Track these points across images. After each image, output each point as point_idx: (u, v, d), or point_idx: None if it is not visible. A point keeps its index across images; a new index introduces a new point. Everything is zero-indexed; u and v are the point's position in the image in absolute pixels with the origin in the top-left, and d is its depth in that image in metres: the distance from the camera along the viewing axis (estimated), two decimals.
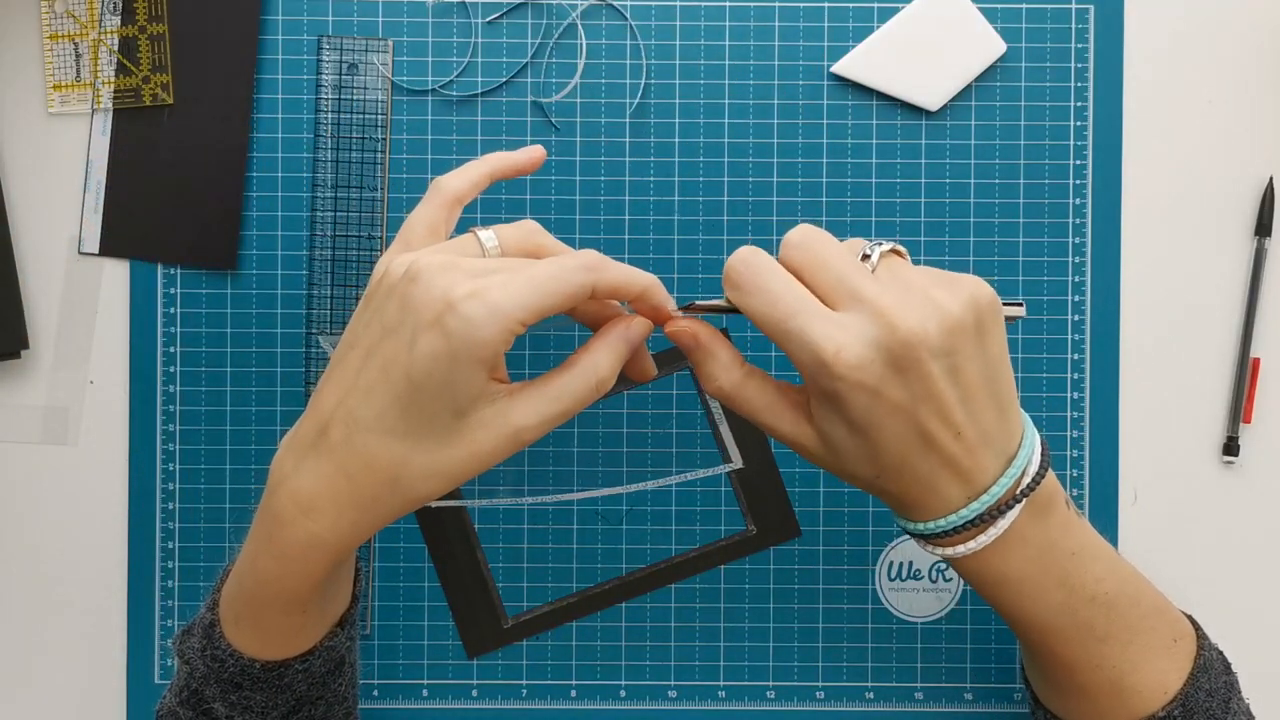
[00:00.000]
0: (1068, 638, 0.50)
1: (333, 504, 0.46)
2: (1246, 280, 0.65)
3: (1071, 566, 0.49)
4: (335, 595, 0.52)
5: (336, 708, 0.55)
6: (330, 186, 0.64)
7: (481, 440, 0.45)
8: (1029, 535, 0.48)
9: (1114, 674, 0.50)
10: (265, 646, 0.50)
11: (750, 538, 0.65)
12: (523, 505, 0.64)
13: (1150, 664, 0.51)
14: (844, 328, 0.43)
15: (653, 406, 0.65)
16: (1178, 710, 0.51)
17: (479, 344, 0.43)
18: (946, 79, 0.64)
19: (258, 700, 0.51)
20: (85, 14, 0.63)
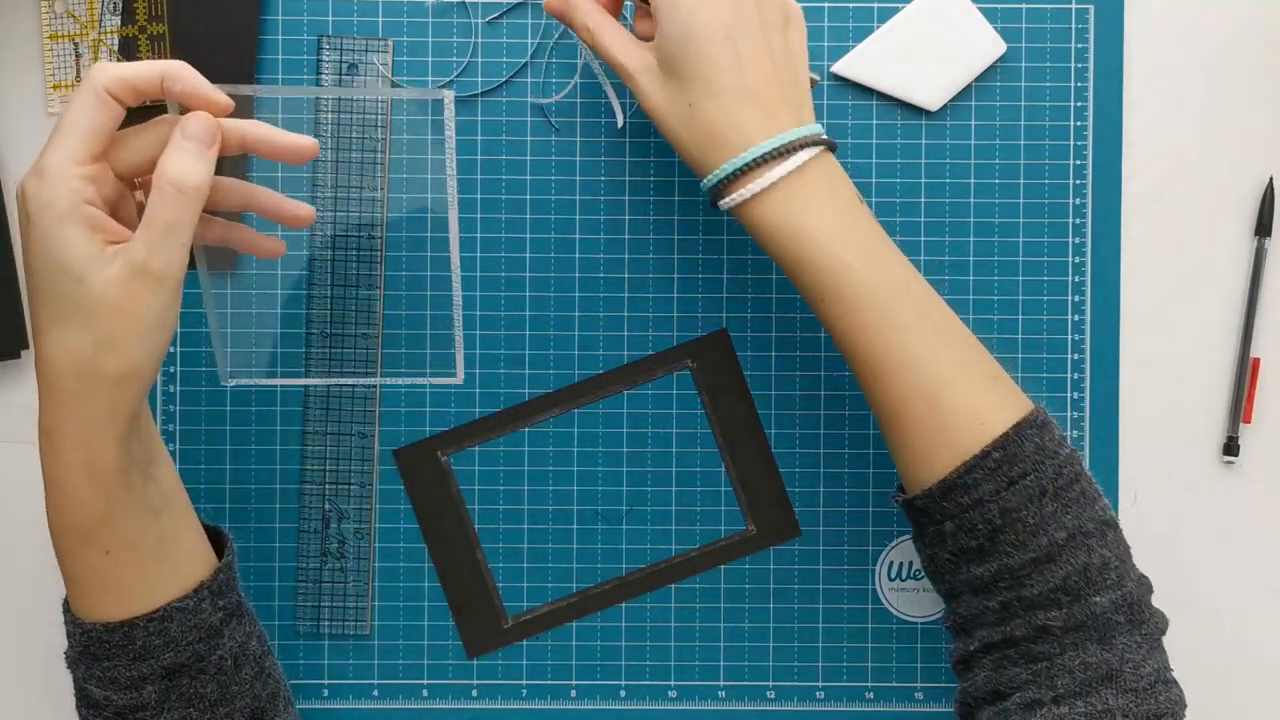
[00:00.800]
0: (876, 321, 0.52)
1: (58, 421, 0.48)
2: (1246, 280, 0.65)
3: (875, 244, 0.53)
4: (168, 552, 0.52)
5: (235, 690, 0.53)
6: (330, 186, 0.64)
7: (116, 292, 0.46)
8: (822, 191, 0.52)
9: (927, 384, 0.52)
10: (99, 603, 0.51)
11: (750, 538, 0.65)
12: None
13: (965, 385, 0.52)
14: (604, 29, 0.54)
15: (653, 406, 0.65)
16: (998, 452, 0.51)
17: (52, 207, 0.46)
18: (946, 79, 0.64)
19: (120, 670, 0.51)
20: (85, 14, 0.63)
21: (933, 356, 0.52)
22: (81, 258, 0.46)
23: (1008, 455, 0.51)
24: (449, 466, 0.64)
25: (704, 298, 0.64)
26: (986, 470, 0.50)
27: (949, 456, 0.51)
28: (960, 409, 0.51)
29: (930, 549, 0.54)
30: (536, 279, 0.64)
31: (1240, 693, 0.55)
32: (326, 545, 0.64)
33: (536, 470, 0.65)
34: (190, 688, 0.52)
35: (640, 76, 0.55)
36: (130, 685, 0.51)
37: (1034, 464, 0.51)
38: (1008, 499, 0.50)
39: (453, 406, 0.64)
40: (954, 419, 0.51)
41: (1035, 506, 0.50)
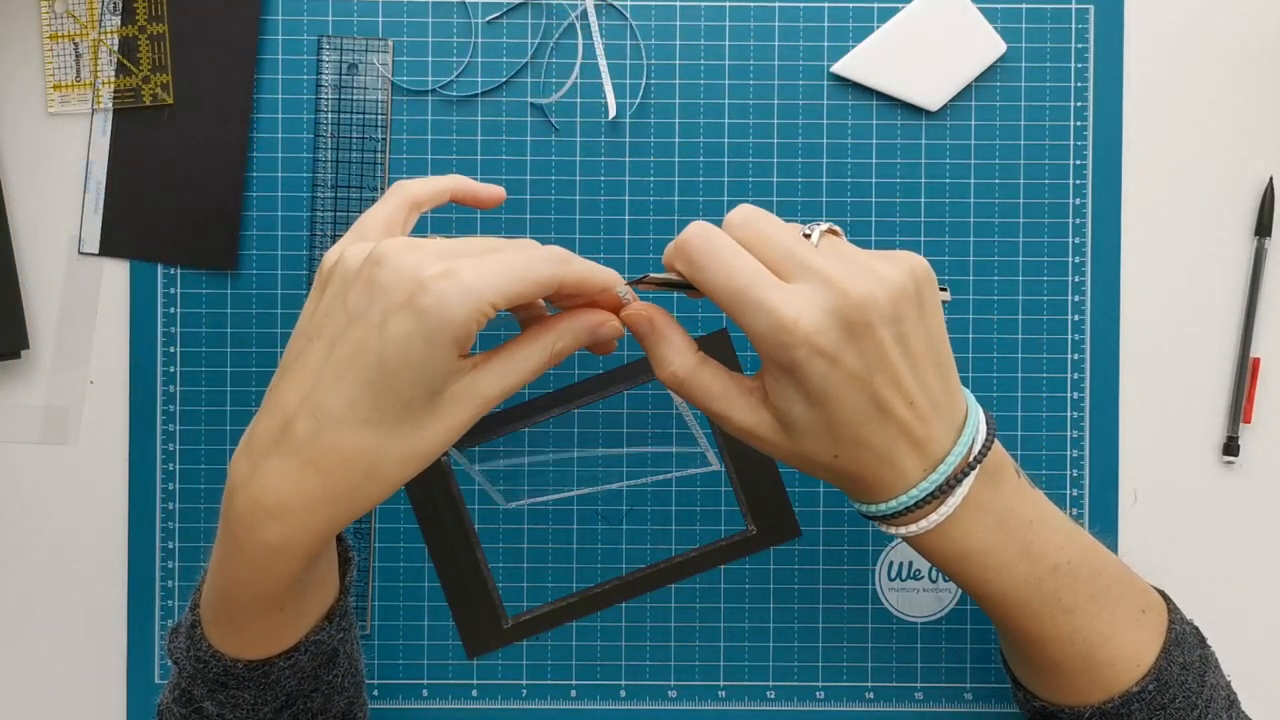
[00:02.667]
0: (1035, 611, 0.50)
1: (302, 503, 0.45)
2: (1246, 280, 0.65)
3: (1031, 535, 0.49)
4: (318, 589, 0.51)
5: (336, 698, 0.54)
6: (330, 186, 0.64)
7: (454, 415, 0.45)
8: (985, 504, 0.48)
9: (1085, 647, 0.50)
10: (246, 646, 0.50)
11: (750, 538, 0.65)
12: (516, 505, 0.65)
13: (1121, 635, 0.51)
14: (800, 295, 0.44)
15: (653, 406, 0.65)
16: (1152, 685, 0.51)
17: (452, 323, 0.43)
18: (946, 79, 0.64)
19: (246, 699, 0.51)
20: (85, 14, 0.63)
21: (1091, 623, 0.51)
22: (446, 375, 0.44)
23: (1161, 685, 0.51)
24: (449, 466, 0.64)
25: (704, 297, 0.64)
26: (1141, 703, 0.51)
27: (1103, 694, 0.51)
28: (1118, 659, 0.51)
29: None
30: None
31: (1240, 693, 0.55)
32: None
33: (536, 470, 0.65)
34: (302, 706, 0.52)
35: (760, 430, 0.48)
36: (251, 709, 0.51)
37: (1180, 685, 0.51)
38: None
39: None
40: (1110, 669, 0.51)
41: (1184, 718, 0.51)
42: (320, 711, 0.53)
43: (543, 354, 0.47)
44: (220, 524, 0.47)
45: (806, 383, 0.45)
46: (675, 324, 0.48)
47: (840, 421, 0.45)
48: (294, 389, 0.45)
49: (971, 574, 0.49)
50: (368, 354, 0.43)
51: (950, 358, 0.47)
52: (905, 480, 0.47)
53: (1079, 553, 0.50)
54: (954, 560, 0.49)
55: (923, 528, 0.48)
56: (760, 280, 0.44)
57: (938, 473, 0.47)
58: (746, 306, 0.44)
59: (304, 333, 0.46)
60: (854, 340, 0.44)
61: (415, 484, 0.64)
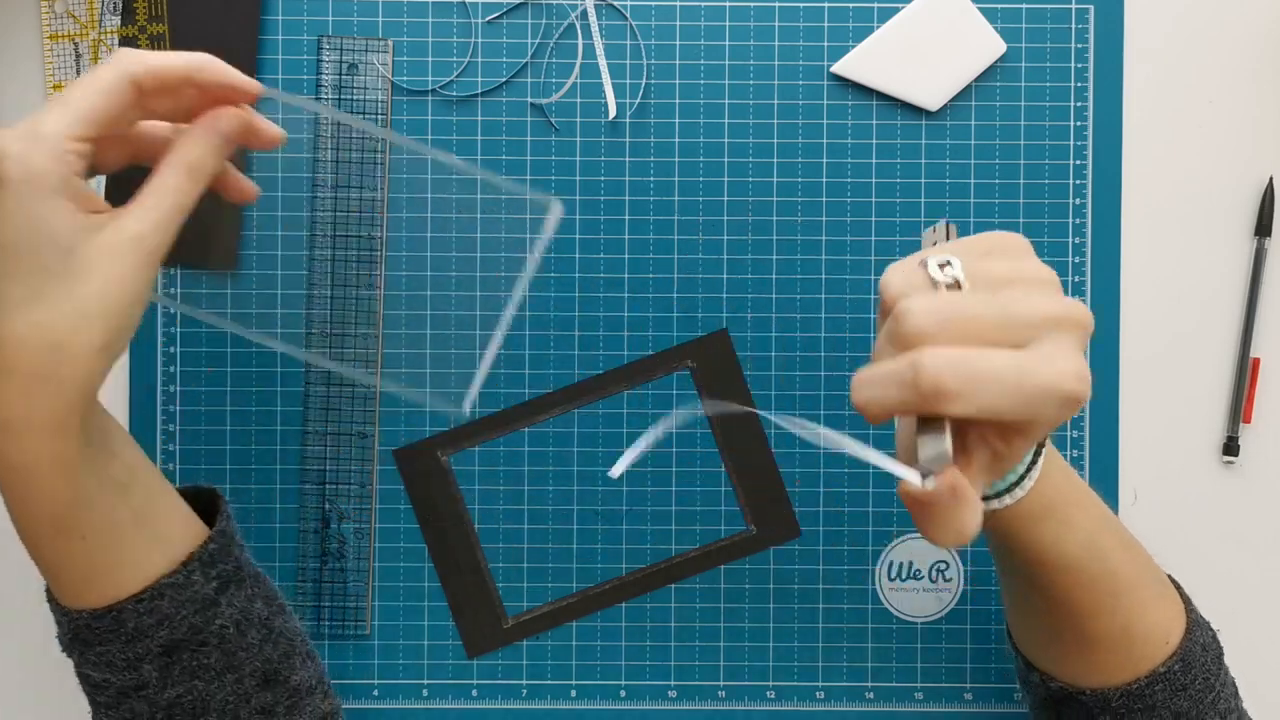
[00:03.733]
0: (1093, 576, 0.49)
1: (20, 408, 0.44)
2: (1246, 280, 0.65)
3: (1083, 489, 0.49)
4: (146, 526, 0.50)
5: (242, 656, 0.52)
6: (330, 186, 0.64)
7: (106, 265, 0.45)
8: (1051, 454, 0.48)
9: (1125, 619, 0.50)
10: (83, 590, 0.49)
11: (750, 538, 0.65)
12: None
13: (1153, 610, 0.51)
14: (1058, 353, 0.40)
15: (653, 406, 0.65)
16: (1178, 665, 0.51)
17: (39, 174, 0.44)
18: (946, 79, 0.64)
19: (115, 654, 0.50)
20: (85, 14, 0.63)
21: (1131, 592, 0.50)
22: (71, 228, 0.44)
23: (1185, 665, 0.51)
24: (449, 466, 0.64)
25: (704, 298, 0.64)
26: (1166, 683, 0.51)
27: (1131, 673, 0.51)
28: (1152, 635, 0.51)
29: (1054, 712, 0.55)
30: (536, 279, 0.64)
31: (1240, 692, 0.55)
32: (326, 545, 0.64)
33: (536, 470, 0.65)
34: (192, 660, 0.51)
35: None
36: (128, 666, 0.50)
37: (1201, 666, 0.51)
38: (1179, 703, 0.51)
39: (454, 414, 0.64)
40: (1145, 645, 0.51)
41: (1198, 704, 0.51)
42: (225, 669, 0.52)
43: (176, 172, 0.47)
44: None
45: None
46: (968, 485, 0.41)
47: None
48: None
49: (1049, 532, 0.48)
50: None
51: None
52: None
53: (1105, 508, 0.51)
54: (1040, 519, 0.47)
55: (1029, 485, 0.46)
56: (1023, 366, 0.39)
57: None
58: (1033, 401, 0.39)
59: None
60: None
61: (415, 484, 0.64)
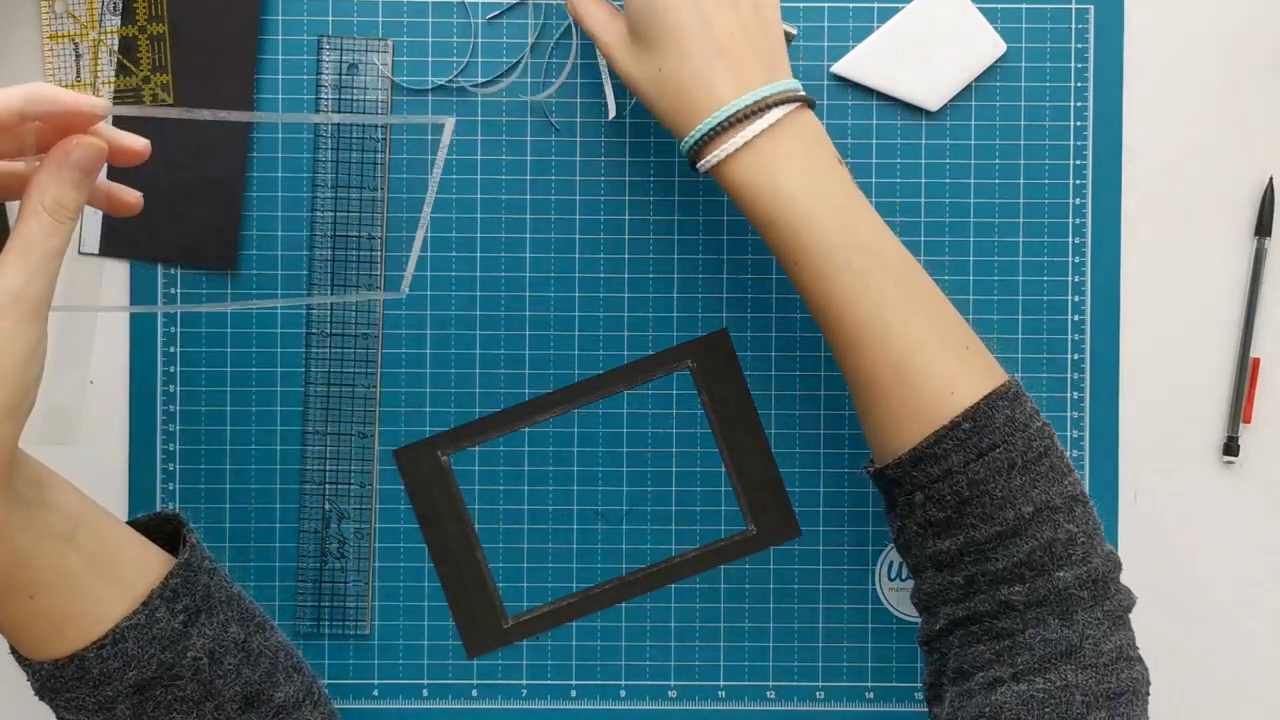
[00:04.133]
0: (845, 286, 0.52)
1: None
2: (1246, 280, 0.65)
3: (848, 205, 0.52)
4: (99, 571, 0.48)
5: (220, 684, 0.51)
6: (330, 186, 0.64)
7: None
8: (794, 151, 0.52)
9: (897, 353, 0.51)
10: (45, 643, 0.48)
11: (750, 538, 0.65)
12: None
13: (935, 352, 0.52)
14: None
15: (653, 407, 0.65)
16: (967, 423, 0.50)
17: None
18: (946, 79, 0.64)
19: (85, 698, 0.49)
20: (85, 14, 0.63)
21: (904, 324, 0.51)
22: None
23: (977, 426, 0.50)
24: (449, 466, 0.64)
25: (704, 298, 0.64)
26: (956, 441, 0.50)
27: (918, 426, 0.51)
28: (930, 378, 0.51)
29: (900, 520, 0.54)
30: (536, 279, 0.64)
31: (1239, 692, 0.55)
32: (326, 545, 0.64)
33: (536, 470, 0.65)
34: (166, 695, 0.50)
35: (614, 47, 0.55)
36: (100, 708, 0.49)
37: (1004, 436, 0.50)
38: (976, 470, 0.50)
39: (453, 406, 0.64)
40: (924, 388, 0.51)
41: (1003, 479, 0.50)
42: (202, 698, 0.50)
43: (39, 218, 0.44)
44: None
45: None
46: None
47: (670, 32, 0.52)
48: None
49: (780, 209, 0.52)
50: None
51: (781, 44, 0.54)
52: (719, 100, 0.52)
53: (898, 254, 0.53)
54: (766, 197, 0.52)
55: (734, 145, 0.52)
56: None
57: (748, 94, 0.52)
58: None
59: None
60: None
61: (415, 484, 0.64)
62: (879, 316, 0.51)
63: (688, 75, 0.53)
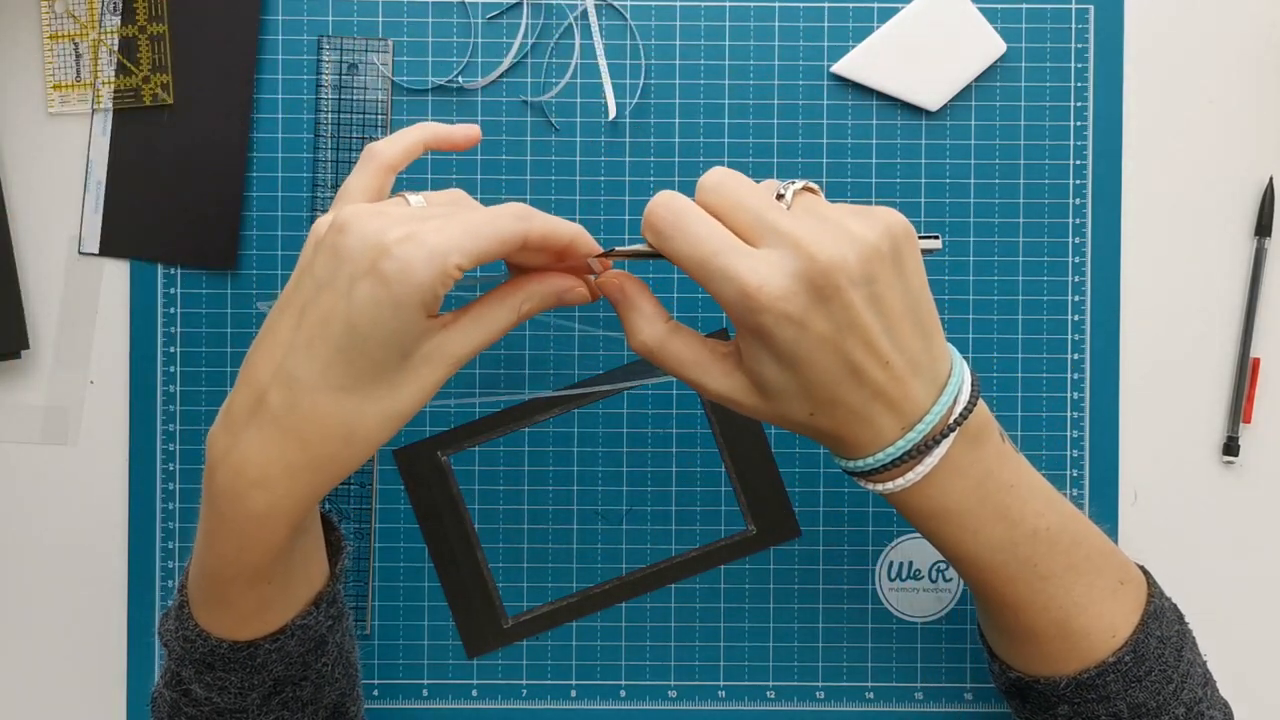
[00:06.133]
0: (1011, 575, 0.50)
1: (285, 470, 0.45)
2: (1246, 280, 0.65)
3: (1010, 499, 0.49)
4: (305, 569, 0.51)
5: (326, 689, 0.54)
6: (330, 186, 0.64)
7: (426, 375, 0.46)
8: (964, 466, 0.48)
9: (1060, 614, 0.50)
10: (234, 626, 0.50)
11: (750, 538, 0.65)
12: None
13: (1098, 605, 0.51)
14: (766, 261, 0.44)
15: (653, 406, 0.65)
16: (1129, 656, 0.50)
17: (418, 286, 0.44)
18: (946, 79, 0.64)
19: (233, 681, 0.51)
20: (85, 14, 0.63)
21: (1067, 592, 0.51)
22: (416, 336, 0.45)
23: (1137, 656, 0.51)
24: (449, 466, 0.64)
25: (704, 298, 0.64)
26: (1118, 674, 0.51)
27: (1077, 664, 0.51)
28: (1094, 629, 0.51)
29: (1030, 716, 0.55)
30: None
31: (1239, 692, 0.55)
32: None
33: (536, 470, 0.65)
34: (291, 694, 0.52)
35: (736, 395, 0.48)
36: (239, 693, 0.51)
37: (1158, 658, 0.51)
38: (1135, 694, 0.51)
39: (453, 406, 0.64)
40: (1086, 640, 0.51)
41: (1157, 694, 0.51)
42: (310, 701, 0.53)
43: (510, 315, 0.48)
44: (203, 501, 0.48)
45: (777, 347, 0.44)
46: (646, 292, 0.48)
47: (814, 383, 0.45)
48: (266, 360, 0.46)
49: (947, 534, 0.49)
50: (336, 320, 0.44)
51: (933, 315, 0.47)
52: (882, 439, 0.46)
53: (1058, 520, 0.50)
54: (930, 519, 0.49)
55: (899, 485, 0.48)
56: (725, 248, 0.44)
57: (914, 432, 0.46)
58: (712, 275, 0.44)
59: (278, 305, 0.46)
60: (822, 304, 0.44)
61: (415, 484, 0.64)
62: (1043, 590, 0.50)
63: (844, 419, 0.46)
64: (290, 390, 0.45)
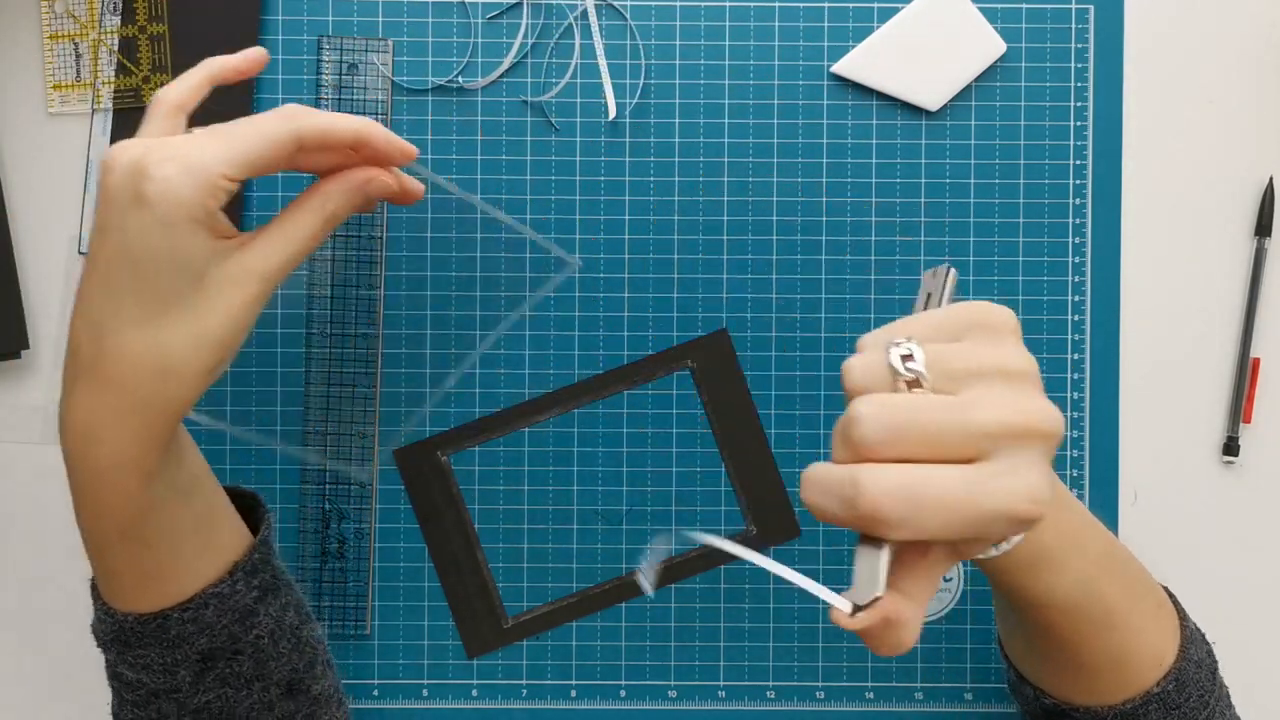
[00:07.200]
0: (1086, 613, 0.48)
1: (113, 419, 0.45)
2: (1246, 280, 0.65)
3: (1081, 527, 0.48)
4: (201, 535, 0.50)
5: (271, 664, 0.52)
6: None
7: (230, 295, 0.46)
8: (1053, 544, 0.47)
9: (1119, 648, 0.50)
10: (132, 595, 0.49)
11: (750, 538, 0.65)
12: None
13: (1146, 633, 0.50)
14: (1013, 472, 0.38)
15: (653, 406, 0.65)
16: (1172, 684, 0.50)
17: (184, 203, 0.44)
18: (946, 79, 0.64)
19: (154, 658, 0.50)
20: (85, 14, 0.63)
21: (1125, 618, 0.49)
22: (204, 256, 0.45)
23: (1179, 684, 0.51)
24: (449, 466, 0.64)
25: (704, 298, 0.64)
26: (1160, 703, 0.50)
27: (1124, 693, 0.51)
28: (1145, 658, 0.50)
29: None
30: (536, 279, 0.64)
31: (1239, 692, 0.55)
32: (326, 545, 0.64)
33: (536, 470, 0.65)
34: (226, 668, 0.51)
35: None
36: (165, 670, 0.50)
37: (1195, 684, 0.51)
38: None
39: (453, 406, 0.64)
40: (1138, 668, 0.50)
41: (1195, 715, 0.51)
42: (256, 677, 0.52)
43: (314, 218, 0.48)
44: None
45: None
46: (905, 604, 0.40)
47: None
48: (77, 318, 0.46)
49: (1040, 580, 0.46)
50: (118, 257, 0.44)
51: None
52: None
53: (1107, 541, 0.49)
54: (1026, 568, 0.46)
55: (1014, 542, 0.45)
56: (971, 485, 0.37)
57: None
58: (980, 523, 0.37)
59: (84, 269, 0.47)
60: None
61: (415, 484, 0.64)
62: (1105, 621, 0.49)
63: None
64: (95, 337, 0.45)
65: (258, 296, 0.46)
